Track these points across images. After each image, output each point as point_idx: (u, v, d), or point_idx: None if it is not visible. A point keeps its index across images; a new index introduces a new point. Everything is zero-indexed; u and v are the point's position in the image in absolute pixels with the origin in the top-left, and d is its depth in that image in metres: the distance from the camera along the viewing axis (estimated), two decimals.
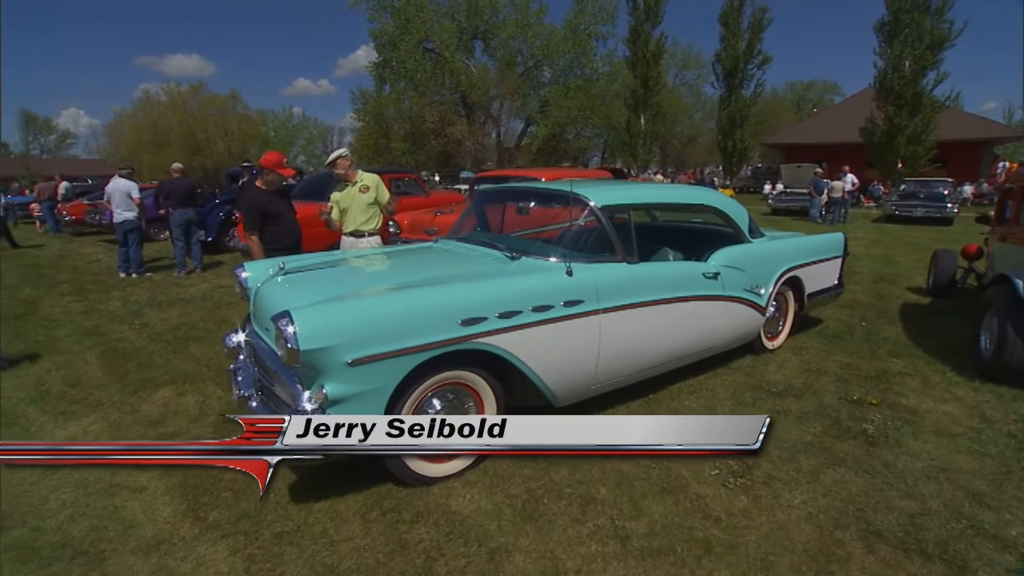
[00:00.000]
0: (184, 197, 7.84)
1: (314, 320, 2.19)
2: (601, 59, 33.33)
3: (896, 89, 20.20)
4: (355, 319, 2.27)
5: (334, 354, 2.19)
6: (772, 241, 4.34)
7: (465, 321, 2.48)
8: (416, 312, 2.39)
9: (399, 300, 2.40)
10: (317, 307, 2.28)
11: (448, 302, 2.49)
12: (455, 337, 2.45)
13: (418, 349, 2.35)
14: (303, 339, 2.13)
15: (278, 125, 43.96)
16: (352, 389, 2.24)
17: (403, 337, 2.32)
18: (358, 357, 2.22)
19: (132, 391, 3.86)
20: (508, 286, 2.71)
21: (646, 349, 3.33)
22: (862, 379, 3.97)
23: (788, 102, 51.28)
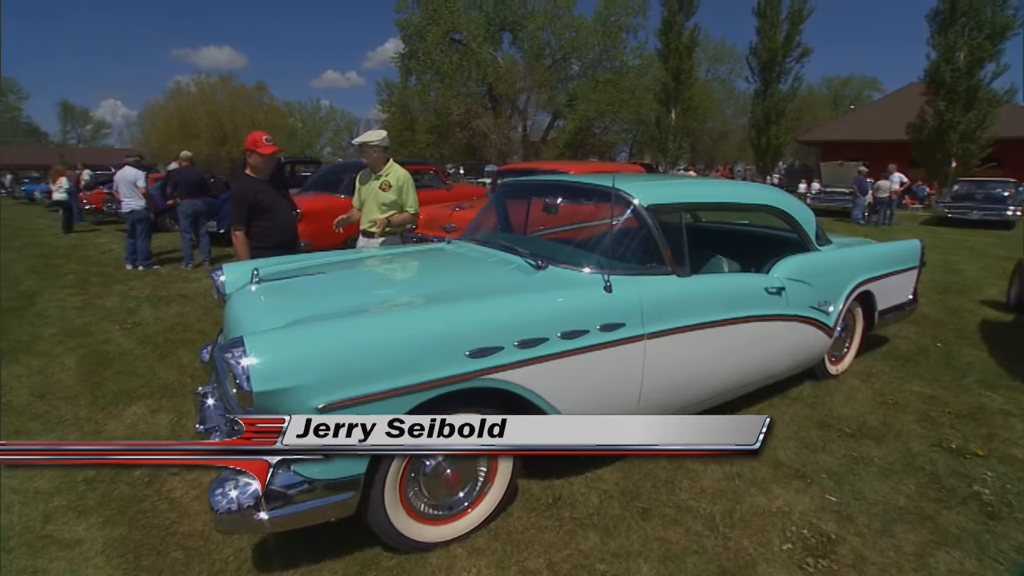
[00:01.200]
0: (192, 187, 7.46)
1: (274, 351, 1.67)
2: (631, 52, 32.41)
3: (948, 82, 18.86)
4: (329, 350, 1.73)
5: (299, 397, 1.66)
6: (842, 250, 3.68)
7: (474, 352, 1.93)
8: (411, 341, 1.84)
9: (388, 324, 1.86)
10: (280, 333, 1.75)
11: (453, 328, 1.93)
12: (461, 374, 1.90)
13: (411, 389, 1.81)
14: (257, 377, 1.61)
15: (305, 117, 43.95)
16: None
17: (393, 373, 1.78)
18: (332, 401, 1.69)
19: (102, 406, 3.42)
20: (531, 306, 2.15)
21: (697, 381, 2.74)
22: (953, 418, 3.29)
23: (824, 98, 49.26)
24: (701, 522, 2.34)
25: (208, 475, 2.59)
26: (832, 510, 2.43)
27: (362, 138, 3.87)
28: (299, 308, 2.06)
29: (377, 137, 3.80)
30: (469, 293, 2.16)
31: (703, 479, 2.65)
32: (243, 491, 1.70)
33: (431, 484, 2.05)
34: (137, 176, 7.14)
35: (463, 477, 2.12)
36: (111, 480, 2.61)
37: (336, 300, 2.14)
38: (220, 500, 1.69)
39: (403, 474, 1.97)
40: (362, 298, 2.13)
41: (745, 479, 2.66)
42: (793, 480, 2.66)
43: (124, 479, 2.62)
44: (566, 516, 2.35)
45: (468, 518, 2.18)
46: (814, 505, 2.46)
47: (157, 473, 2.67)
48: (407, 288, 2.30)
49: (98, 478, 2.63)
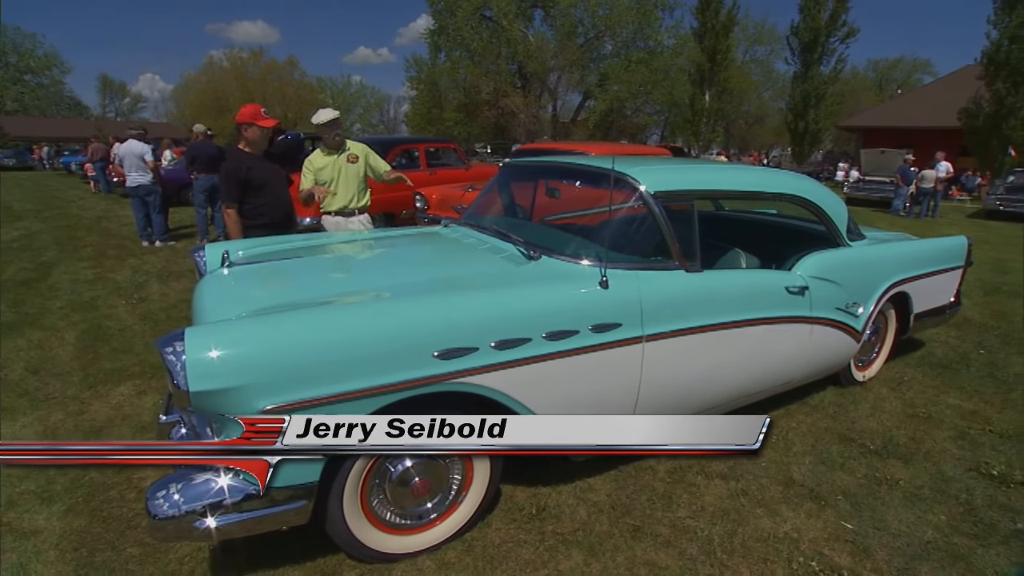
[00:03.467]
0: (208, 161, 7.39)
1: (215, 347, 1.50)
2: (667, 31, 31.19)
3: (1012, 63, 17.51)
4: (276, 347, 1.55)
5: (241, 398, 1.49)
6: (876, 246, 3.33)
7: (443, 353, 1.73)
8: (370, 338, 1.65)
9: (345, 320, 1.67)
10: (223, 327, 1.58)
11: (419, 325, 1.73)
12: (427, 377, 1.71)
13: (368, 393, 1.63)
14: (193, 375, 1.45)
15: (336, 93, 43.93)
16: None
17: (348, 375, 1.60)
18: (278, 404, 1.52)
19: (91, 384, 3.36)
20: (513, 302, 1.93)
21: (702, 389, 2.49)
22: (996, 438, 2.97)
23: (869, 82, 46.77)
24: (697, 545, 2.12)
25: None
26: (847, 540, 2.18)
27: (330, 114, 3.69)
28: (261, 297, 1.90)
29: (336, 112, 3.78)
30: (446, 285, 1.96)
31: (704, 495, 2.42)
32: (188, 495, 1.55)
33: (396, 492, 1.88)
34: (144, 150, 7.10)
35: (433, 485, 1.94)
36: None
37: (304, 289, 1.98)
38: (161, 504, 1.55)
39: (365, 481, 1.81)
40: (331, 287, 1.95)
41: (752, 497, 2.42)
42: (805, 501, 2.40)
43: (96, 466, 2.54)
44: (548, 530, 2.16)
45: (439, 528, 2.01)
46: (827, 533, 2.22)
47: None
48: (381, 277, 2.10)
49: None
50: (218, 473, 1.59)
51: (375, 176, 3.92)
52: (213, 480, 1.58)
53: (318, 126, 3.66)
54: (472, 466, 2.02)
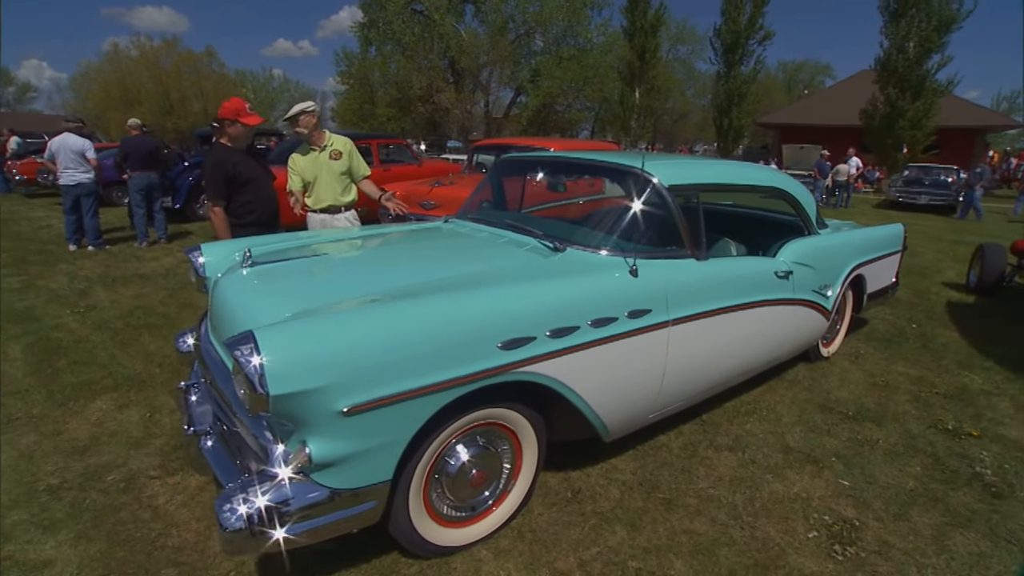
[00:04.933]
0: (145, 158, 6.86)
1: (292, 347, 1.46)
2: (596, 29, 32.07)
3: (900, 71, 19.58)
4: (354, 343, 1.53)
5: (322, 399, 1.47)
6: (838, 234, 3.69)
7: (506, 344, 1.77)
8: (441, 332, 1.66)
9: (416, 314, 1.67)
10: (296, 326, 1.53)
11: (484, 317, 1.77)
12: (494, 367, 1.75)
13: (443, 386, 1.64)
14: (274, 379, 1.41)
15: (258, 87, 41.36)
16: (349, 447, 1.53)
17: (423, 369, 1.61)
18: (358, 403, 1.50)
19: (59, 401, 3.08)
20: (562, 292, 2.00)
21: (713, 367, 2.68)
22: (942, 399, 3.39)
23: (779, 83, 50.38)
24: (725, 512, 2.30)
25: (195, 478, 2.37)
26: (847, 495, 2.44)
27: (299, 107, 3.56)
28: (307, 295, 1.84)
29: (312, 104, 3.60)
30: (492, 278, 1.99)
31: (718, 467, 2.62)
32: (255, 506, 1.50)
33: (455, 485, 1.90)
34: (85, 146, 6.46)
35: (489, 475, 1.98)
36: (79, 488, 2.34)
37: (346, 286, 1.93)
38: (229, 517, 1.49)
39: (428, 475, 1.82)
40: (375, 284, 1.92)
41: (759, 465, 2.64)
42: (806, 465, 2.66)
43: (95, 486, 2.35)
44: (588, 510, 2.26)
45: (491, 518, 2.05)
46: (830, 490, 2.47)
47: (133, 478, 2.41)
48: (421, 272, 2.09)
49: (63, 486, 2.35)
50: (287, 480, 1.55)
51: (352, 178, 3.81)
52: (283, 488, 1.53)
53: (288, 120, 3.53)
54: (522, 453, 2.07)
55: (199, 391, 2.31)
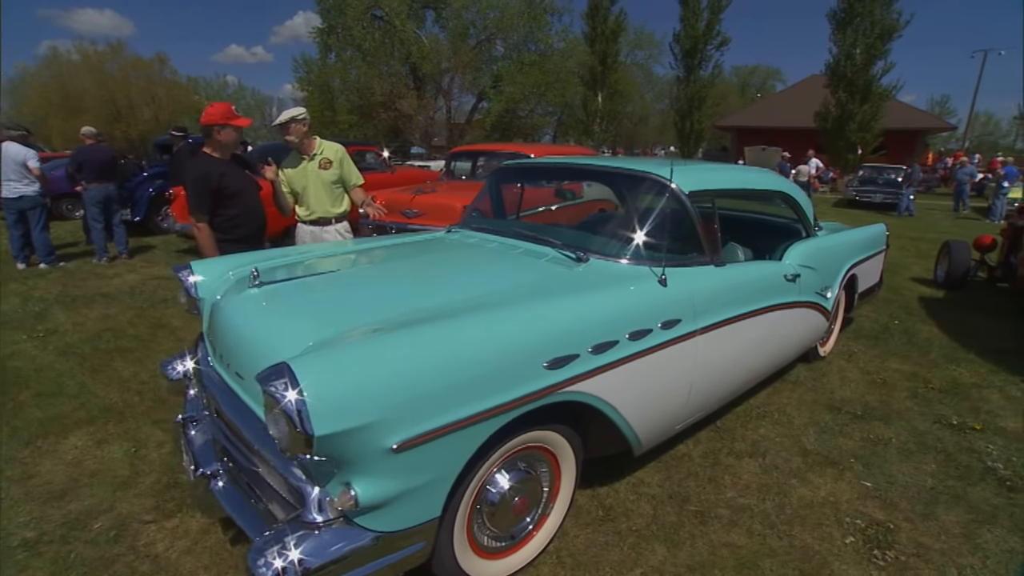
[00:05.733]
0: (102, 168, 6.41)
1: (334, 380, 1.32)
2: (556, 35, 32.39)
3: (848, 76, 20.53)
4: (399, 374, 1.40)
5: (369, 437, 1.33)
6: (834, 235, 3.75)
7: (552, 363, 1.68)
8: (488, 354, 1.55)
9: (461, 336, 1.55)
10: (334, 356, 1.39)
11: (528, 335, 1.66)
12: (541, 389, 1.64)
13: (494, 412, 1.53)
14: (319, 417, 1.26)
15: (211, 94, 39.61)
16: (398, 486, 1.40)
17: (473, 396, 1.49)
18: (408, 438, 1.37)
19: (27, 439, 2.79)
20: (599, 305, 1.92)
21: (734, 373, 2.65)
22: (938, 394, 3.48)
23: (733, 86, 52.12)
24: (759, 521, 2.26)
25: (196, 520, 2.17)
26: (873, 496, 2.44)
27: (289, 113, 3.34)
28: (331, 318, 1.69)
29: (302, 112, 3.40)
30: (525, 293, 1.89)
31: (742, 474, 2.58)
32: (293, 558, 1.35)
33: (497, 514, 1.78)
34: (28, 155, 5.98)
35: (530, 501, 1.88)
36: (62, 540, 2.10)
37: (372, 306, 1.79)
38: (265, 572, 1.33)
39: (471, 507, 1.70)
40: (402, 303, 1.79)
41: (782, 470, 2.62)
42: (826, 467, 2.65)
43: (80, 537, 2.12)
44: (623, 528, 2.18)
45: (531, 545, 1.95)
46: (855, 493, 2.47)
47: (125, 524, 2.18)
48: (448, 289, 1.97)
49: (42, 539, 2.11)
50: (328, 527, 1.40)
51: (344, 187, 3.62)
52: (324, 535, 1.38)
53: (278, 127, 3.33)
54: (560, 474, 1.98)
55: (199, 424, 2.11)
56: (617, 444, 2.15)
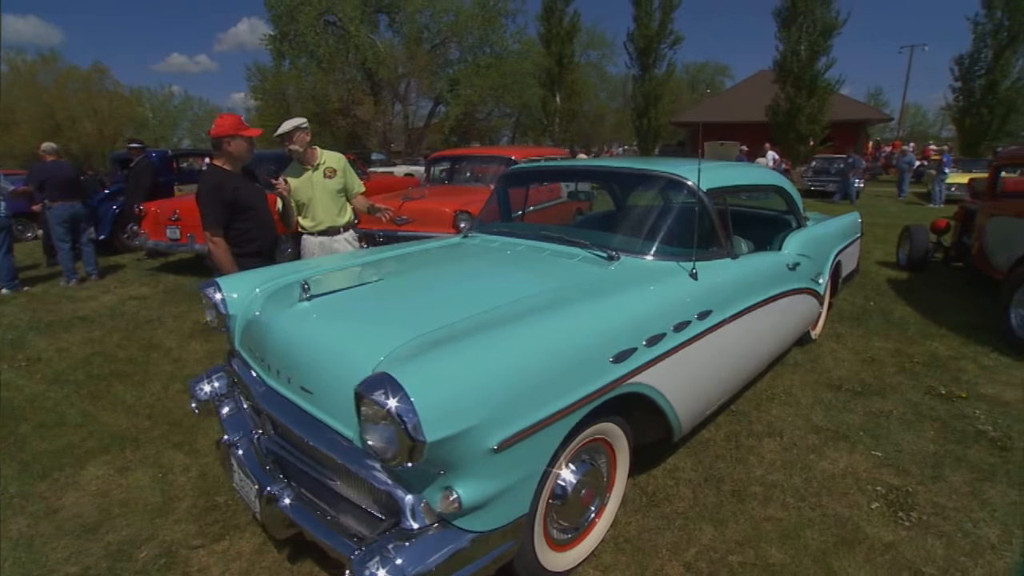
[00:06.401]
0: (67, 186, 6.11)
1: (439, 386, 1.36)
2: (511, 37, 32.60)
3: (795, 72, 21.53)
4: (494, 375, 1.46)
5: (474, 438, 1.38)
6: (821, 224, 3.98)
7: (617, 356, 1.76)
8: (566, 351, 1.63)
9: (541, 336, 1.61)
10: (433, 363, 1.43)
11: (596, 331, 1.75)
12: (610, 382, 1.73)
13: (575, 407, 1.61)
14: (430, 423, 1.30)
15: (156, 105, 37.85)
16: (498, 485, 1.46)
17: (557, 392, 1.57)
18: (507, 437, 1.43)
19: (40, 473, 2.67)
20: (647, 300, 2.02)
21: (752, 357, 2.81)
22: (923, 367, 3.75)
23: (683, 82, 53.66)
24: (790, 495, 2.41)
25: (248, 541, 2.14)
26: (886, 464, 2.63)
27: (292, 123, 3.32)
28: (404, 326, 1.69)
29: (304, 120, 3.39)
30: (577, 292, 1.96)
31: (765, 453, 2.74)
32: (397, 565, 1.36)
33: (567, 507, 1.85)
34: None
35: (594, 492, 1.95)
36: (109, 572, 2.04)
37: (437, 313, 1.80)
38: None
39: (547, 501, 1.76)
40: (464, 307, 1.80)
41: (800, 447, 2.79)
42: (839, 441, 2.84)
43: (128, 568, 2.06)
44: (669, 512, 2.29)
45: (592, 535, 2.02)
46: (869, 463, 2.65)
47: (172, 552, 2.13)
48: (499, 291, 2.00)
49: (88, 573, 2.04)
50: (428, 532, 1.43)
51: (347, 195, 3.62)
52: (425, 541, 1.41)
53: (280, 136, 3.29)
54: (616, 464, 2.06)
55: (244, 444, 2.08)
56: (657, 432, 2.25)
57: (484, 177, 7.03)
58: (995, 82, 21.26)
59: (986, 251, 5.09)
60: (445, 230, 5.62)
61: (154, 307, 5.51)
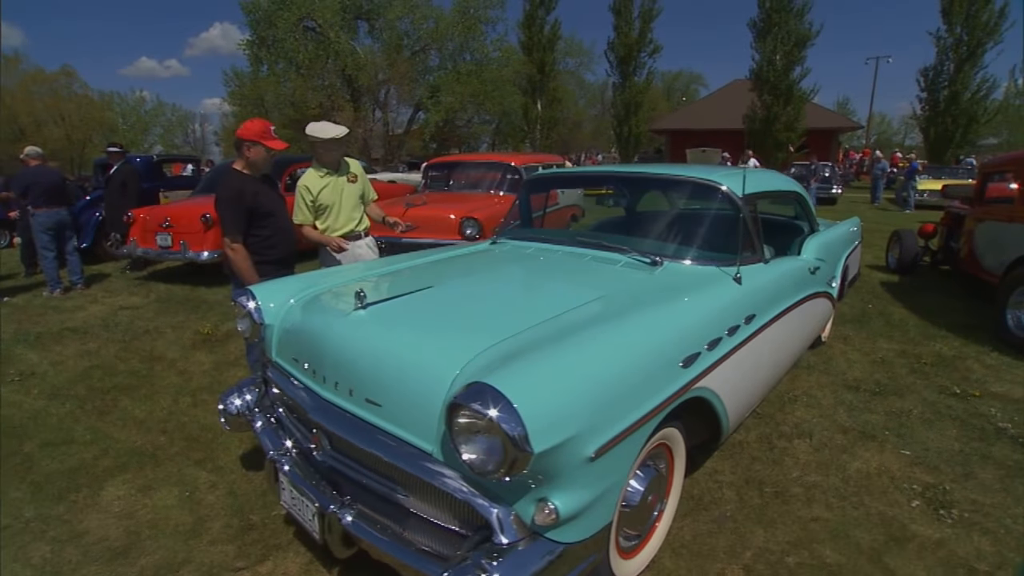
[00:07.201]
0: (51, 192, 5.87)
1: (539, 395, 1.32)
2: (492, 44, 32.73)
3: (771, 81, 22.15)
4: (589, 381, 1.44)
5: (575, 446, 1.35)
6: (831, 228, 4.07)
7: (686, 361, 1.76)
8: (645, 356, 1.62)
9: (622, 342, 1.60)
10: (526, 370, 1.39)
11: (666, 337, 1.75)
12: (682, 386, 1.73)
13: (655, 412, 1.60)
14: (536, 434, 1.26)
15: (127, 110, 36.51)
16: (591, 494, 1.43)
17: (640, 398, 1.56)
18: (602, 444, 1.41)
19: (56, 495, 2.53)
20: (703, 305, 2.03)
21: (785, 359, 2.85)
22: (932, 368, 3.86)
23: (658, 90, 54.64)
24: (832, 495, 2.43)
25: (293, 562, 2.06)
26: (917, 463, 2.69)
27: (334, 132, 3.28)
28: (478, 335, 1.64)
29: (345, 128, 3.38)
30: (635, 298, 1.96)
31: (799, 455, 2.77)
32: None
33: (635, 513, 1.83)
34: None
35: (658, 497, 1.94)
36: None
37: (506, 320, 1.76)
38: None
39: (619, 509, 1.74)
40: (531, 314, 1.76)
41: (831, 448, 2.83)
42: (867, 442, 2.89)
43: None
44: (717, 516, 2.29)
45: (653, 541, 2.01)
46: (900, 462, 2.70)
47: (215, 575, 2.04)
48: (557, 298, 1.98)
49: None
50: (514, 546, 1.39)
51: (364, 202, 3.57)
52: (521, 555, 1.36)
53: (322, 141, 3.21)
54: (674, 469, 2.06)
55: (290, 460, 2.01)
56: (701, 436, 2.25)
57: (482, 183, 7.02)
58: (957, 93, 22.20)
59: (976, 254, 5.27)
60: (451, 237, 5.58)
61: (148, 317, 5.32)
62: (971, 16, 21.43)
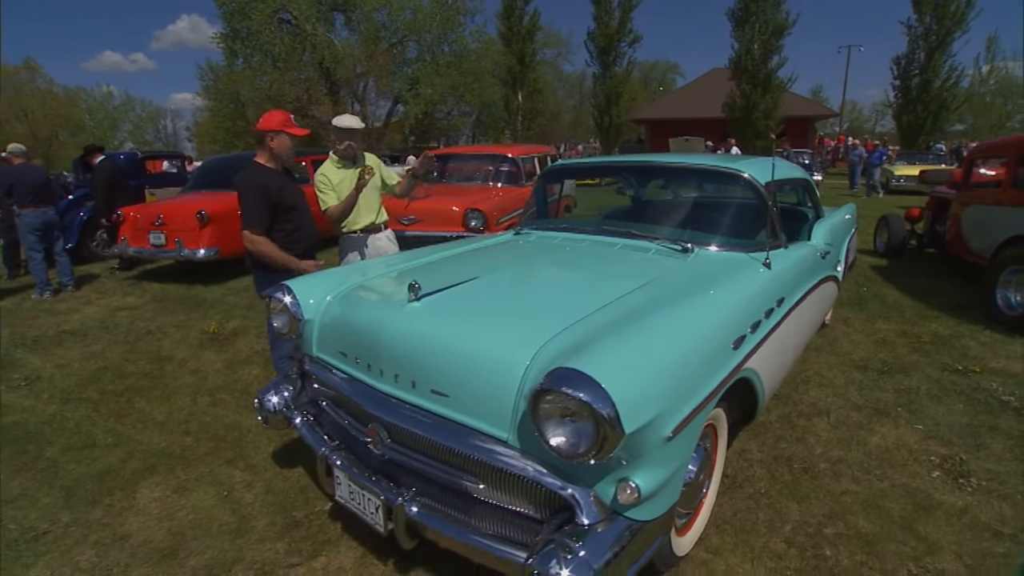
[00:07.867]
0: (38, 191, 5.69)
1: (624, 377, 1.36)
2: (470, 35, 32.45)
3: (750, 70, 22.45)
4: (664, 363, 1.50)
5: (656, 427, 1.40)
6: (834, 214, 4.19)
7: (736, 343, 1.83)
8: (704, 339, 1.69)
9: (685, 326, 1.66)
10: (607, 354, 1.43)
11: (718, 320, 1.81)
12: (734, 367, 1.80)
13: (715, 392, 1.67)
14: (627, 414, 1.30)
15: (94, 106, 35.14)
16: (666, 472, 1.49)
17: (703, 380, 1.62)
18: (679, 422, 1.46)
19: (89, 500, 2.49)
20: (741, 290, 2.10)
21: (803, 341, 2.95)
22: (931, 346, 4.02)
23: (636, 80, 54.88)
24: (857, 469, 2.54)
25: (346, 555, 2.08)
26: (931, 436, 2.82)
27: (352, 122, 3.33)
28: (543, 321, 1.67)
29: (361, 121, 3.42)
30: (679, 283, 2.01)
31: (819, 432, 2.87)
32: (582, 563, 1.35)
33: (688, 491, 1.88)
34: None
35: (707, 476, 2.01)
36: None
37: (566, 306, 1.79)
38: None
39: None
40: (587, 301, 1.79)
41: (848, 425, 2.94)
42: (882, 418, 3.01)
43: None
44: (753, 492, 2.38)
45: (700, 518, 2.08)
46: (916, 436, 2.83)
47: (269, 573, 2.04)
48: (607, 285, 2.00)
49: None
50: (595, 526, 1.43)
51: (387, 189, 3.60)
52: (601, 535, 1.40)
53: (341, 130, 3.23)
54: (717, 448, 2.13)
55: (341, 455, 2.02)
56: (736, 415, 2.33)
57: (480, 175, 7.01)
58: (928, 81, 22.81)
59: (963, 237, 5.48)
60: (455, 229, 5.58)
61: (148, 317, 5.22)
62: (939, 6, 22.01)
